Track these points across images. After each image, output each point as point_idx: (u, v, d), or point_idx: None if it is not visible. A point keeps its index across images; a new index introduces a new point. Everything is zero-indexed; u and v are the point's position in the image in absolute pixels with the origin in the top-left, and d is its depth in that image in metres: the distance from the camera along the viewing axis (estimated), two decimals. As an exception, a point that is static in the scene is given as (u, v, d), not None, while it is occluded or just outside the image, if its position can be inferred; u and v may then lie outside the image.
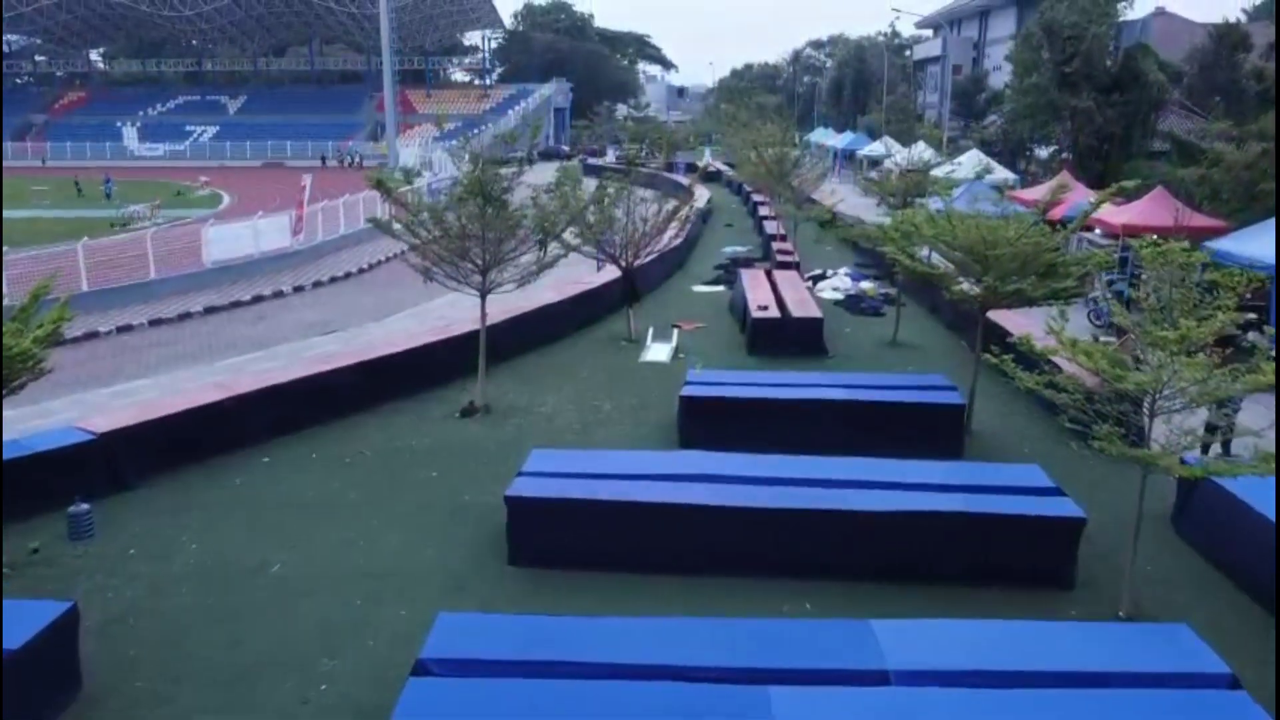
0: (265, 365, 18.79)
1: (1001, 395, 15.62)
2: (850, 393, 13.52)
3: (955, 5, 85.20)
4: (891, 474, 10.48)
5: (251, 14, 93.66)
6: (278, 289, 26.11)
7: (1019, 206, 28.33)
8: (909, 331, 20.13)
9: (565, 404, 15.74)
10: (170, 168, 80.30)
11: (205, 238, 26.28)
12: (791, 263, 25.89)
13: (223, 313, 23.87)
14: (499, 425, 14.65)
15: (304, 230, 29.96)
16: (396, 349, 16.06)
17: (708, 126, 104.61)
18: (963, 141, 60.22)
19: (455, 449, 13.62)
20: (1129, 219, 23.28)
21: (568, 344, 19.76)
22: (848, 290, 24.97)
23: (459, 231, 14.17)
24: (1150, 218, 23.26)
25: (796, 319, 18.71)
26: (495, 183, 14.30)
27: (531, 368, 18.00)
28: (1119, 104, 34.69)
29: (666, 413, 14.85)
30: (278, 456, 13.32)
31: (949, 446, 13.17)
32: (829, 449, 12.95)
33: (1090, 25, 34.14)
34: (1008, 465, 10.97)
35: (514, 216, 14.70)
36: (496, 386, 16.38)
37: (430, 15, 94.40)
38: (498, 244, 14.54)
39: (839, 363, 18.31)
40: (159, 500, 11.80)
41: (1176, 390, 8.14)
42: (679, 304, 24.15)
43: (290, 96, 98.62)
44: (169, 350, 20.36)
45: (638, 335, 19.99)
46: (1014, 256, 12.61)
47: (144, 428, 12.36)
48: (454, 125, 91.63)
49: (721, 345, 19.73)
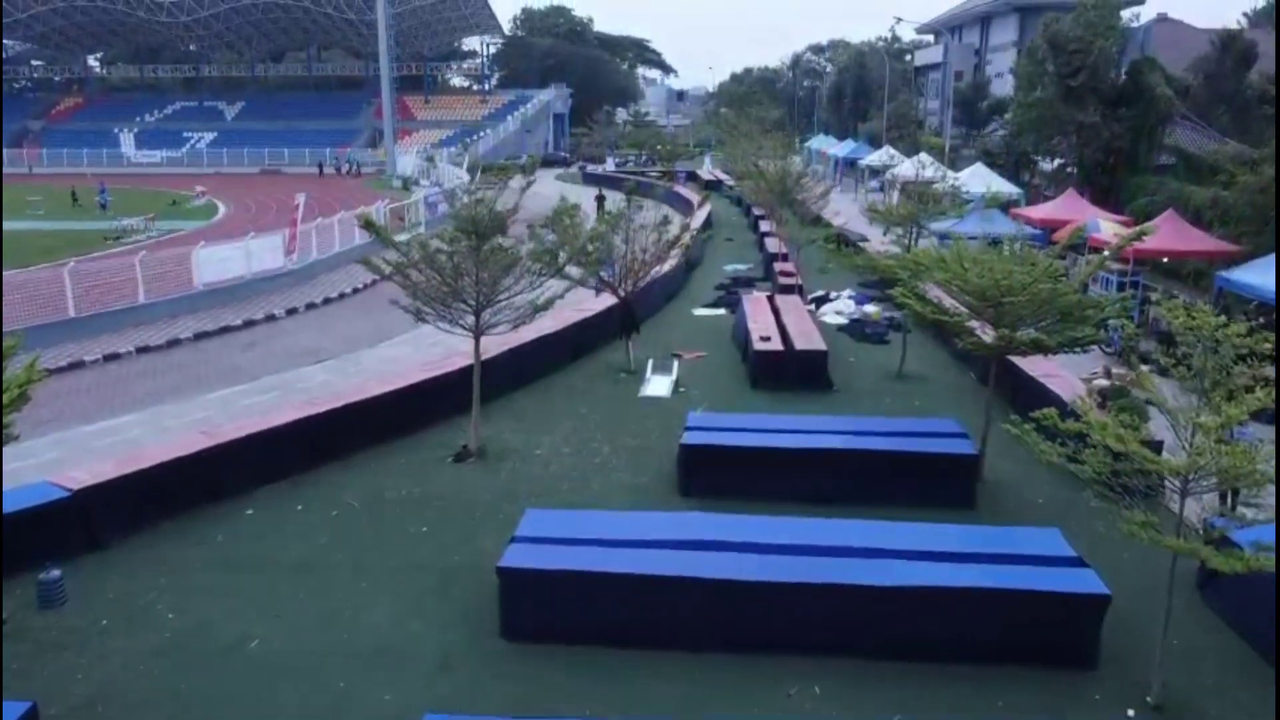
0: (253, 400, 18.36)
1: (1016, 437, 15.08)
2: (857, 441, 13.01)
3: (956, 11, 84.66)
4: (903, 540, 9.96)
5: (249, 20, 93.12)
6: (270, 312, 25.57)
7: (1030, 228, 27.93)
8: (915, 361, 19.59)
9: (561, 445, 15.22)
10: (167, 175, 79.77)
11: (195, 260, 25.73)
12: (794, 286, 25.36)
13: (213, 338, 23.33)
14: (493, 471, 14.13)
15: (297, 250, 29.42)
16: (387, 388, 15.54)
17: (708, 132, 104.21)
18: (965, 150, 59.72)
19: (447, 499, 13.10)
20: (1139, 243, 22.65)
21: (565, 375, 19.25)
22: (851, 314, 24.46)
23: (452, 270, 13.64)
24: (1161, 241, 22.67)
25: (800, 352, 18.20)
26: (491, 220, 13.77)
27: (527, 403, 17.49)
28: (1125, 118, 34.17)
29: (667, 457, 14.34)
30: (262, 508, 12.81)
31: (961, 498, 12.67)
32: (835, 500, 12.50)
33: (1096, 39, 33.62)
34: (1026, 530, 10.43)
35: (509, 255, 14.19)
36: (491, 425, 15.87)
37: (428, 21, 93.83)
38: (492, 283, 14.03)
39: (844, 398, 17.81)
40: (135, 560, 11.28)
41: (1214, 472, 7.62)
42: (679, 329, 23.64)
43: (288, 103, 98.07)
44: (156, 382, 19.83)
45: (637, 366, 19.48)
46: (1029, 302, 12.10)
47: (122, 482, 11.84)
48: (453, 131, 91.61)
49: (723, 377, 19.21)
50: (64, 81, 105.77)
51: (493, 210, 13.89)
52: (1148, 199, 32.20)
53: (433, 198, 44.60)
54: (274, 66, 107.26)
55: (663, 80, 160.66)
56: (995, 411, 13.64)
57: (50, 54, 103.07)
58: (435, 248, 13.59)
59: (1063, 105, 34.75)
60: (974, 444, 13.15)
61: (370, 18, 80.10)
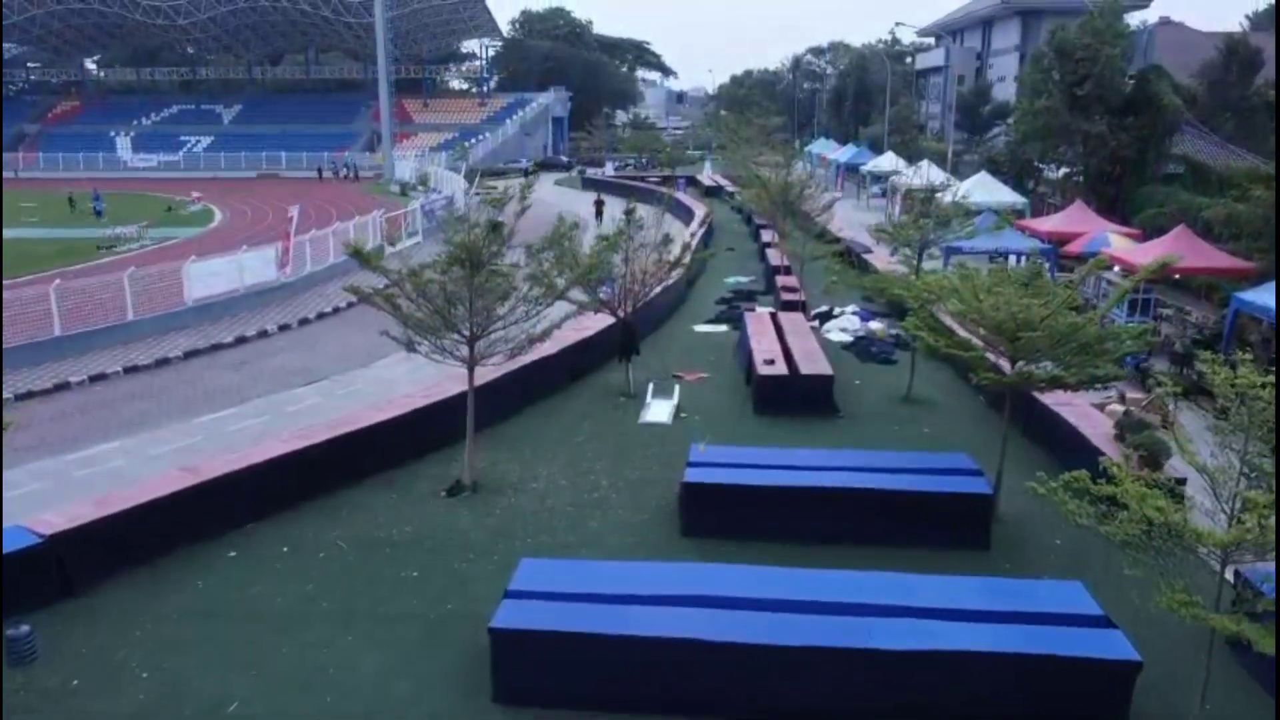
0: (242, 425, 17.85)
1: (1029, 468, 14.54)
2: (866, 479, 12.47)
3: (958, 15, 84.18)
4: (918, 595, 9.44)
5: (246, 22, 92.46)
6: (262, 328, 25.02)
7: (1039, 242, 27.41)
8: (923, 384, 19.05)
9: (559, 478, 14.69)
10: (164, 179, 79.16)
11: (186, 275, 25.18)
12: (797, 302, 24.83)
13: (203, 357, 22.78)
14: (488, 507, 13.60)
15: (291, 263, 28.89)
16: (378, 418, 15.00)
17: (708, 134, 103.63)
18: (967, 156, 59.19)
19: (440, 539, 12.58)
20: (1152, 260, 22.10)
21: (563, 399, 18.72)
22: (856, 331, 23.94)
23: (444, 298, 13.12)
24: (1173, 258, 22.09)
25: (805, 376, 17.66)
26: (486, 246, 13.25)
27: (524, 429, 16.97)
28: (1132, 127, 33.65)
29: (668, 491, 13.82)
30: (245, 550, 12.29)
31: (975, 539, 12.16)
32: (844, 541, 12.01)
33: (1103, 46, 33.09)
34: (1048, 585, 9.90)
35: (506, 282, 13.66)
36: (487, 454, 15.37)
37: (427, 23, 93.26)
38: (487, 312, 13.51)
39: (850, 424, 17.28)
40: (111, 610, 10.76)
41: (1260, 544, 7.10)
42: (680, 347, 23.11)
43: (286, 106, 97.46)
44: (143, 404, 19.29)
45: (637, 389, 18.96)
46: (1047, 336, 11.57)
47: (98, 526, 11.32)
48: (451, 134, 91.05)
49: (725, 401, 18.68)
50: (61, 84, 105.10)
51: (487, 236, 13.35)
52: (1156, 210, 31.67)
53: (429, 205, 44.10)
54: (272, 69, 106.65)
55: (662, 82, 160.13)
56: (1008, 444, 13.13)
57: (47, 56, 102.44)
58: (428, 277, 13.04)
59: (1069, 114, 34.23)
60: (988, 481, 12.62)
61: (369, 20, 79.53)
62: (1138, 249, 23.76)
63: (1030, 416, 15.84)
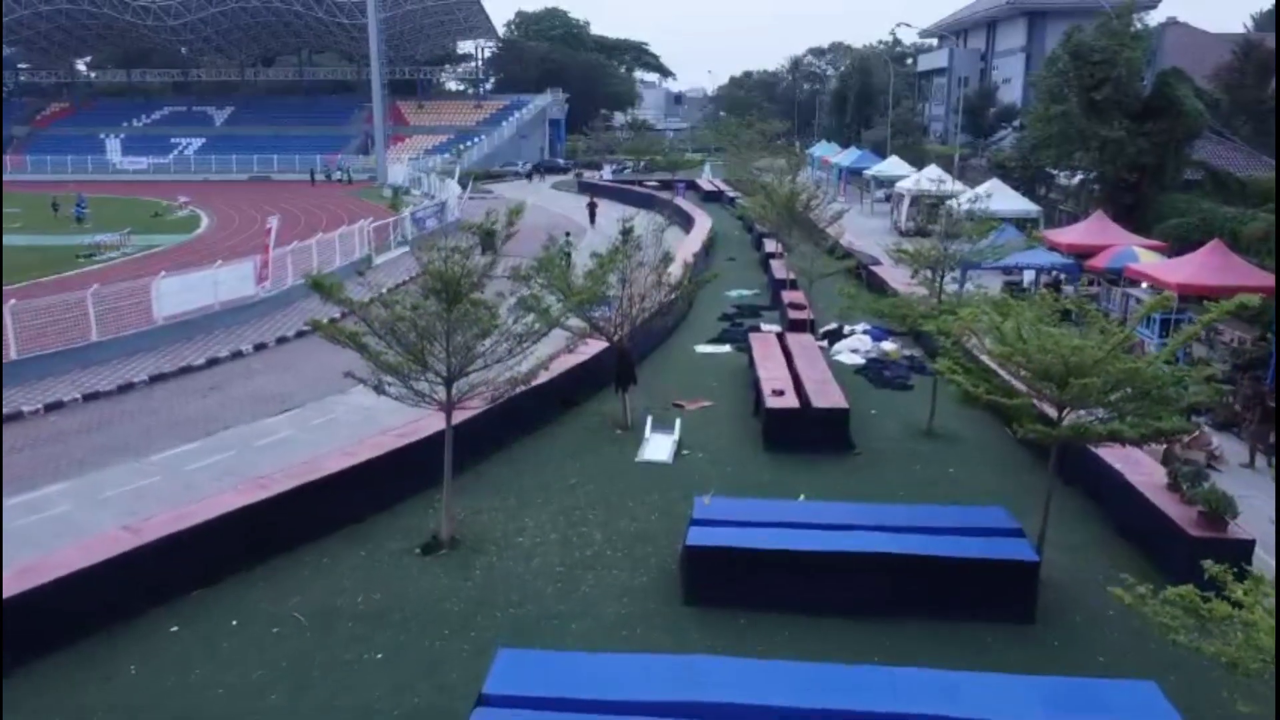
0: (205, 462, 16.40)
1: (1070, 518, 13.16)
2: (893, 542, 11.00)
3: (961, 16, 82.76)
4: (963, 701, 7.97)
5: (238, 24, 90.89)
6: (237, 348, 23.53)
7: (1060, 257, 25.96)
8: (945, 414, 17.46)
9: (548, 530, 13.23)
10: (153, 182, 77.71)
11: (155, 291, 23.68)
12: (805, 321, 23.36)
13: (170, 381, 21.30)
14: (466, 568, 12.13)
15: (271, 276, 27.41)
16: (347, 463, 13.51)
17: (708, 138, 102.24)
18: (974, 160, 57.75)
19: (411, 610, 11.10)
20: (1184, 277, 20.73)
21: (554, 433, 17.26)
22: (868, 352, 22.49)
23: (417, 334, 11.67)
24: (1209, 275, 20.68)
25: (818, 410, 16.20)
26: (465, 276, 11.80)
27: (511, 470, 15.50)
28: (1151, 133, 32.18)
29: (669, 546, 12.40)
30: (190, 623, 10.82)
31: (1018, 611, 10.69)
32: (868, 612, 10.60)
33: (1122, 49, 31.63)
34: (1116, 686, 8.42)
35: (488, 314, 12.19)
36: (468, 500, 13.93)
37: (422, 25, 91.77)
38: (466, 350, 12.05)
39: (867, 462, 15.82)
40: (23, 708, 9.28)
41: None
42: (680, 370, 21.65)
43: (279, 108, 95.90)
44: (101, 437, 17.83)
45: (634, 421, 17.50)
46: (1103, 383, 10.12)
47: (22, 600, 9.83)
48: (447, 137, 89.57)
49: (731, 435, 17.22)
50: (51, 86, 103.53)
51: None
52: (1178, 220, 30.25)
53: (421, 213, 42.63)
54: (265, 70, 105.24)
55: (660, 83, 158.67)
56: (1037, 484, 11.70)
57: (37, 58, 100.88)
58: (397, 313, 11.58)
59: (1085, 119, 32.76)
60: (1031, 543, 11.16)
61: (362, 21, 78.03)
62: (1167, 265, 22.30)
63: (1067, 456, 14.36)
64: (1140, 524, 12.39)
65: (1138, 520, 12.46)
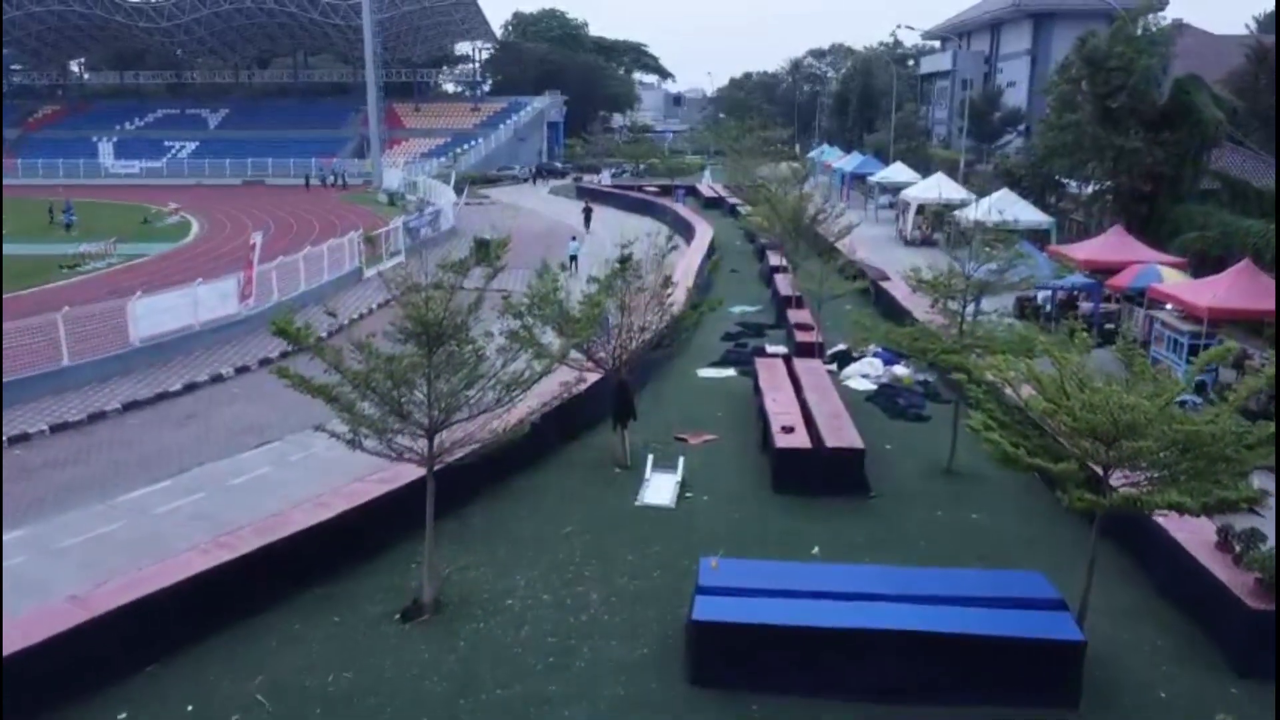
0: (173, 504, 15.34)
1: (1108, 577, 12.04)
2: (920, 617, 9.89)
3: (965, 17, 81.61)
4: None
5: (232, 25, 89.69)
6: (217, 372, 22.44)
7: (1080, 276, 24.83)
8: (965, 448, 16.30)
9: (539, 590, 12.13)
10: (145, 186, 76.53)
11: (131, 313, 22.57)
12: (813, 344, 22.28)
13: (145, 409, 20.21)
14: (451, 637, 11.04)
15: (255, 293, 26.30)
16: (321, 516, 12.41)
17: (707, 140, 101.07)
18: (980, 166, 56.65)
19: (386, 693, 9.99)
20: (1213, 300, 19.66)
21: (547, 471, 16.15)
22: (879, 377, 21.40)
23: (394, 384, 10.59)
24: (1240, 298, 19.61)
25: (832, 450, 15.10)
26: (448, 318, 10.72)
27: (500, 516, 14.40)
28: (1168, 143, 31.10)
29: (672, 609, 11.34)
30: (140, 707, 9.72)
31: (1061, 696, 9.61)
32: (893, 697, 9.53)
33: (1139, 56, 30.54)
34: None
35: (474, 358, 11.12)
36: (455, 551, 12.86)
37: (418, 26, 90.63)
38: (450, 396, 10.97)
39: (885, 508, 14.72)
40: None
41: None
42: (682, 397, 20.57)
43: (273, 110, 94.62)
44: (65, 473, 16.74)
45: (634, 457, 16.40)
46: (1157, 444, 9.04)
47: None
48: (444, 140, 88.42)
49: (738, 474, 16.13)
50: (44, 88, 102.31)
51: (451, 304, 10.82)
52: (1196, 234, 29.16)
53: (413, 222, 41.50)
54: (260, 72, 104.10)
55: (659, 84, 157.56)
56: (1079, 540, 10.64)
57: (29, 60, 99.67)
58: (373, 366, 10.49)
59: (1099, 128, 31.68)
60: (1074, 618, 10.07)
61: (358, 23, 76.76)
62: (1194, 286, 21.20)
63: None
64: (1189, 589, 11.32)
65: (1186, 584, 11.39)
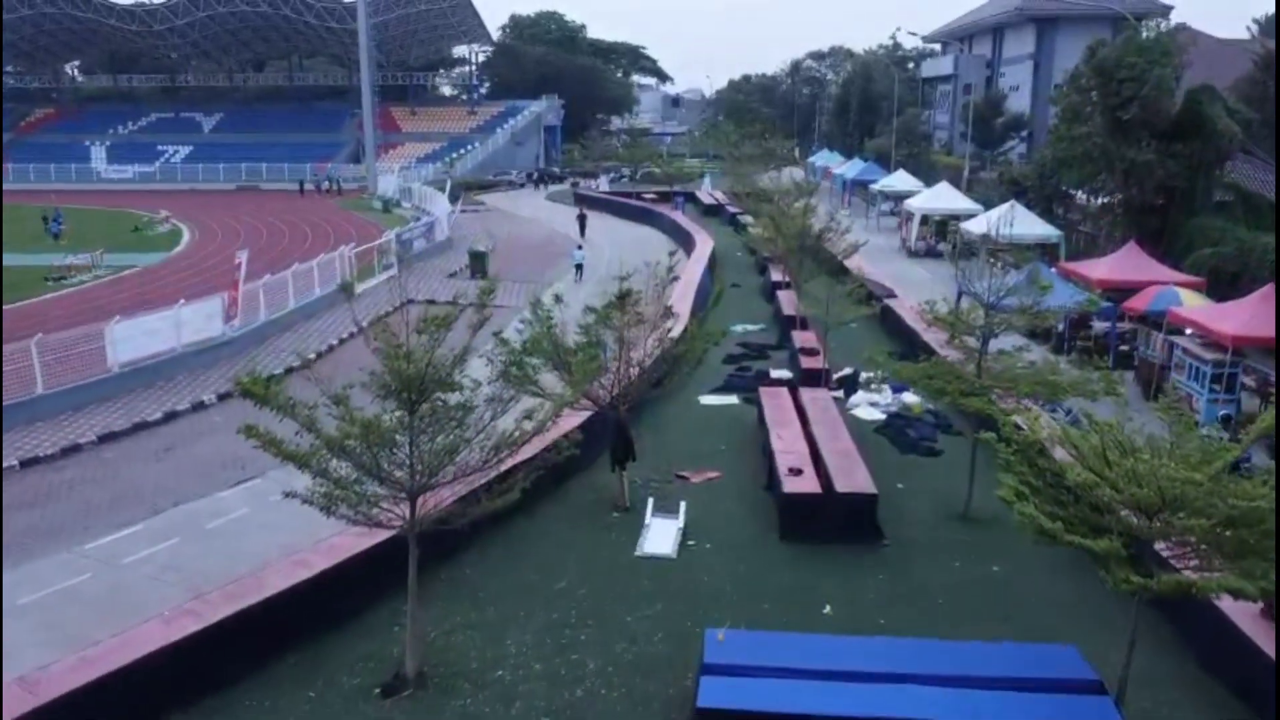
0: (144, 552, 14.49)
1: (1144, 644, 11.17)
2: (948, 707, 9.04)
3: (966, 21, 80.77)
4: None
5: (226, 28, 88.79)
6: (198, 399, 21.57)
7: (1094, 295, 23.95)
8: (981, 490, 15.42)
9: (531, 658, 11.25)
10: (139, 191, 75.66)
11: (110, 337, 21.70)
12: (819, 370, 21.42)
13: (122, 441, 19.35)
14: (435, 716, 10.18)
15: (241, 313, 25.43)
16: (298, 576, 11.55)
17: (706, 144, 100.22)
18: (983, 174, 55.80)
19: (362, 785, 9.17)
20: (1239, 327, 18.80)
21: (540, 515, 15.20)
22: (888, 405, 20.56)
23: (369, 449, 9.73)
24: (1267, 325, 18.70)
25: (843, 495, 14.25)
26: (433, 373, 9.87)
27: (489, 568, 13.54)
28: (1181, 155, 30.27)
29: (676, 684, 10.50)
30: (91, 807, 8.87)
31: (1101, 791, 8.77)
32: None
33: (1152, 66, 29.70)
34: None
35: (461, 410, 10.27)
36: (440, 614, 12.02)
37: (414, 29, 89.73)
38: (434, 456, 10.12)
39: (900, 561, 13.84)
40: None
41: None
42: (683, 427, 19.71)
43: (268, 114, 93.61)
44: (34, 515, 15.87)
45: (633, 499, 15.56)
46: (1208, 520, 8.20)
47: None
48: (440, 144, 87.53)
49: (743, 517, 15.27)
50: (36, 91, 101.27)
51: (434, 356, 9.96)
52: (1211, 251, 28.34)
53: (408, 234, 40.63)
54: (254, 75, 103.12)
55: (658, 86, 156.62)
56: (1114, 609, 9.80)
57: (22, 63, 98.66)
58: (344, 432, 9.63)
59: (1111, 140, 30.86)
60: (1116, 704, 9.21)
61: (354, 26, 75.88)
62: (1218, 311, 20.33)
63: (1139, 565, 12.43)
64: (1233, 661, 10.46)
65: (1229, 656, 10.54)
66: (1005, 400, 13.57)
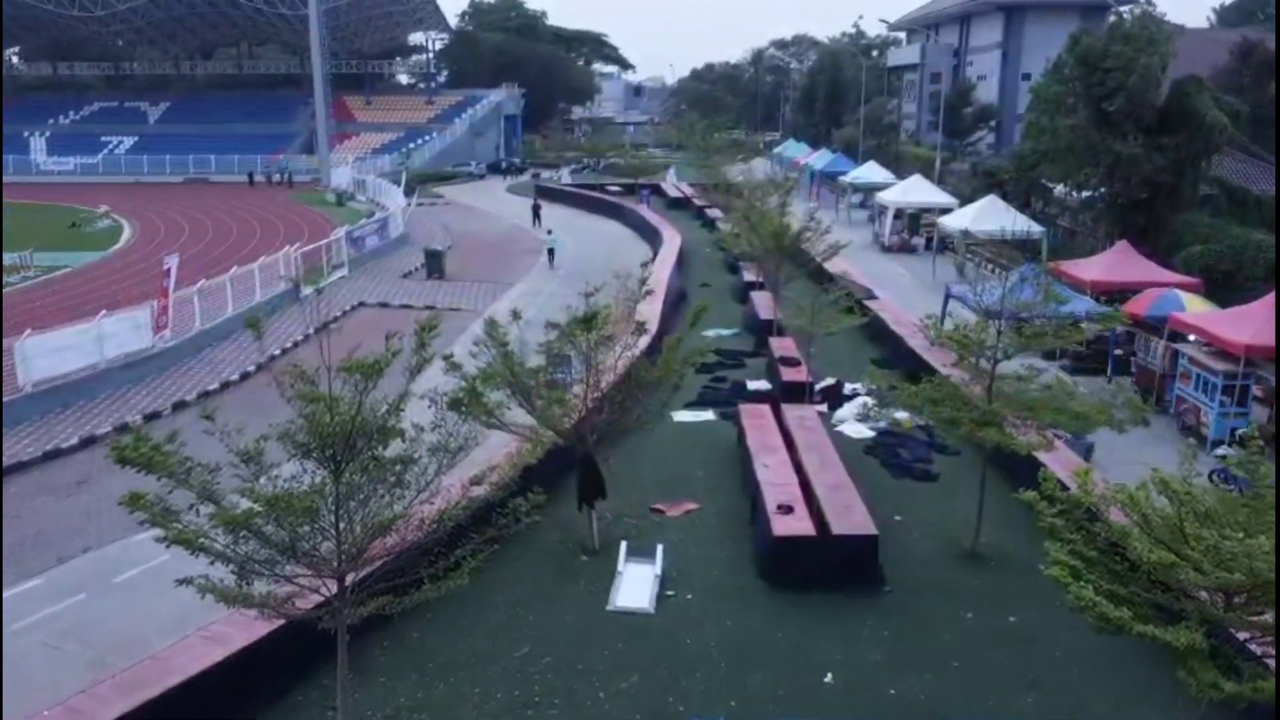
0: (41, 614, 12.60)
1: None
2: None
3: (932, 10, 79.71)
4: None
5: (172, 14, 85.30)
6: (122, 420, 19.53)
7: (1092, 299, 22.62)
8: (990, 523, 13.95)
9: (489, 752, 9.60)
10: (80, 184, 72.41)
11: (20, 353, 19.59)
12: (802, 384, 19.86)
13: (29, 473, 17.30)
14: (370, 838, 8.50)
15: (171, 322, 23.35)
16: (217, 653, 9.78)
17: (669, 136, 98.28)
18: (955, 165, 54.65)
19: None
20: (1251, 336, 17.48)
21: (497, 563, 13.39)
22: (876, 423, 19.05)
23: (286, 521, 7.99)
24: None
25: (840, 539, 12.70)
26: (362, 430, 8.13)
27: (441, 628, 11.83)
28: (1168, 148, 29.08)
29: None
30: None
31: None
32: None
33: (1138, 55, 28.43)
34: None
35: (400, 465, 8.56)
36: (379, 694, 10.29)
37: (369, 16, 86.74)
38: (367, 524, 8.39)
39: (903, 612, 12.31)
40: None
41: None
42: (657, 449, 17.93)
43: (217, 104, 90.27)
44: (-83, 567, 13.89)
45: (602, 540, 13.90)
46: None
47: None
48: (396, 135, 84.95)
49: (726, 557, 13.69)
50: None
51: (363, 405, 8.22)
52: (1203, 248, 27.20)
53: (359, 231, 38.50)
54: (202, 63, 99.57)
55: (620, 75, 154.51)
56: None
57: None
58: (245, 510, 7.89)
59: (1095, 132, 29.58)
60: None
61: (304, 12, 73.08)
62: (1225, 318, 19.04)
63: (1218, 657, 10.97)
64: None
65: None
66: (1025, 432, 12.07)
